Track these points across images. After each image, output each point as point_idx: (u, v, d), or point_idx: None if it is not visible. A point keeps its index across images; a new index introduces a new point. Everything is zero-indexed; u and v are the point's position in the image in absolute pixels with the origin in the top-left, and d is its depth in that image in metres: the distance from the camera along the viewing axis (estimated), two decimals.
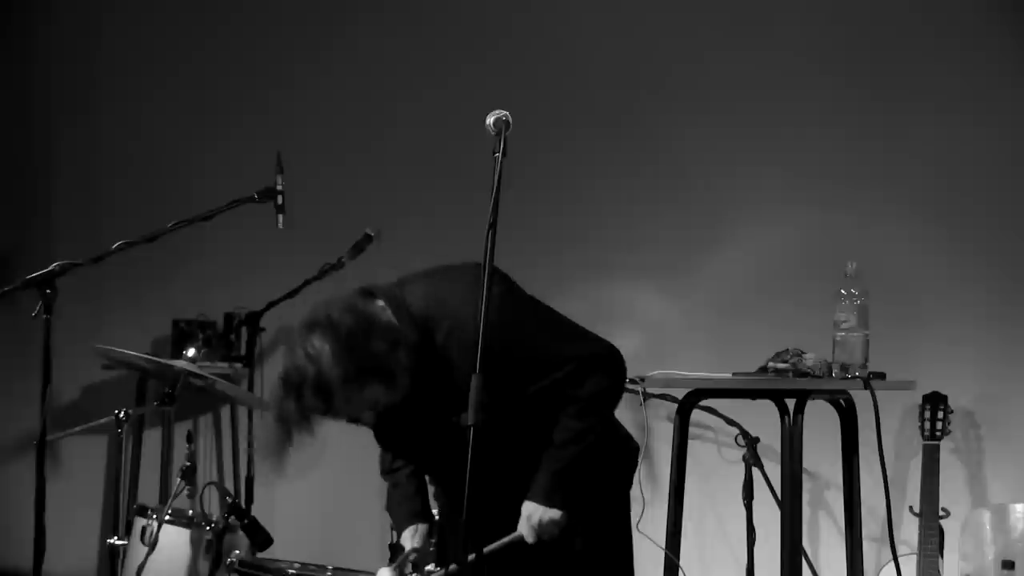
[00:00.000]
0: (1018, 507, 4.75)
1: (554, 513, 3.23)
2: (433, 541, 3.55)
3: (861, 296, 3.43)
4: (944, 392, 4.86)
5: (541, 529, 3.23)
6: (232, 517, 4.00)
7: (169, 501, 4.13)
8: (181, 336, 5.71)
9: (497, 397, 3.10)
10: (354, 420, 3.16)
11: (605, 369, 3.23)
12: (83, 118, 6.08)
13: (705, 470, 5.06)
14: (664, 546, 3.41)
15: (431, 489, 3.53)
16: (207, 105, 5.98)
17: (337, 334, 3.02)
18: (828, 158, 5.34)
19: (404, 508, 3.42)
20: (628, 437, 3.40)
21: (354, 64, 5.87)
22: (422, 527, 3.40)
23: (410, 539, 3.39)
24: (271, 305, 5.40)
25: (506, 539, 3.26)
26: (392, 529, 4.36)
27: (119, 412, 4.09)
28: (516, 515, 3.27)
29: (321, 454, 5.85)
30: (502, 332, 3.10)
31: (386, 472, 3.46)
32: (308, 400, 3.01)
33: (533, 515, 3.24)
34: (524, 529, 3.25)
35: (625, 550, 3.39)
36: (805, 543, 3.98)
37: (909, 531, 4.83)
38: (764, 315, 5.24)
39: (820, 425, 3.59)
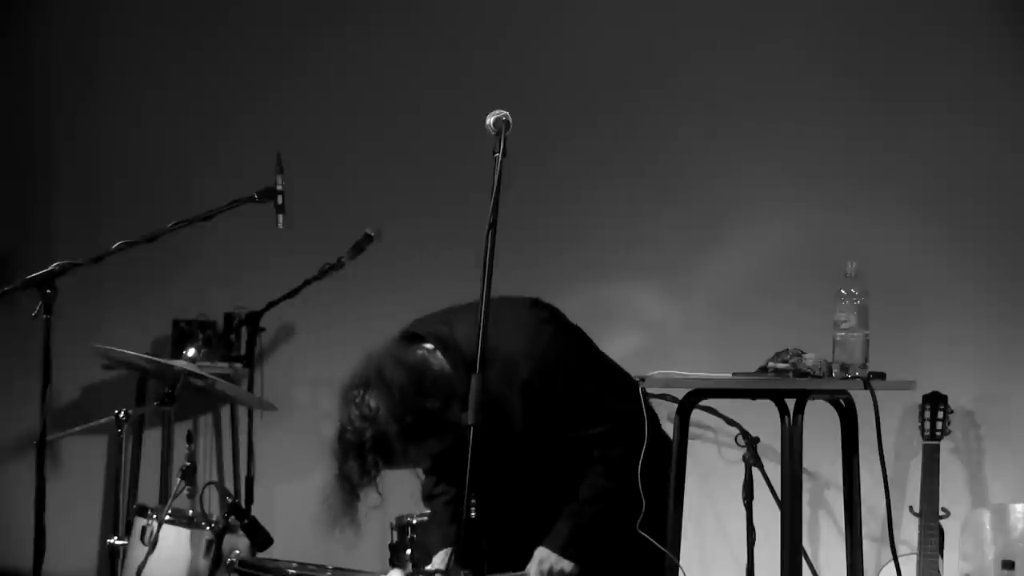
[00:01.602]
0: (1018, 507, 4.75)
1: (566, 564, 3.25)
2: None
3: (861, 296, 3.42)
4: (944, 392, 4.86)
5: None
6: (232, 517, 4.00)
7: (169, 501, 4.12)
8: (181, 336, 5.71)
9: (532, 431, 3.13)
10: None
11: (638, 431, 3.24)
12: (83, 118, 6.08)
13: (705, 470, 5.06)
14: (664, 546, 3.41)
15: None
16: (207, 105, 5.98)
17: (391, 392, 3.07)
18: (828, 158, 5.34)
19: (438, 534, 3.46)
20: (666, 438, 3.41)
21: (354, 64, 5.87)
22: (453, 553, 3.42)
23: (440, 563, 3.40)
24: (271, 305, 5.40)
25: (511, 574, 3.28)
26: (392, 529, 4.39)
27: (119, 412, 4.09)
28: (535, 537, 3.29)
29: (321, 454, 5.85)
30: (549, 369, 3.15)
31: (426, 499, 3.51)
32: (368, 459, 3.07)
33: (545, 561, 3.26)
34: (533, 572, 3.26)
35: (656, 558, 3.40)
36: (805, 543, 3.97)
37: (909, 531, 4.83)
38: (764, 315, 5.24)
39: (820, 425, 3.58)
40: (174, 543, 4.14)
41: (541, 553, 3.28)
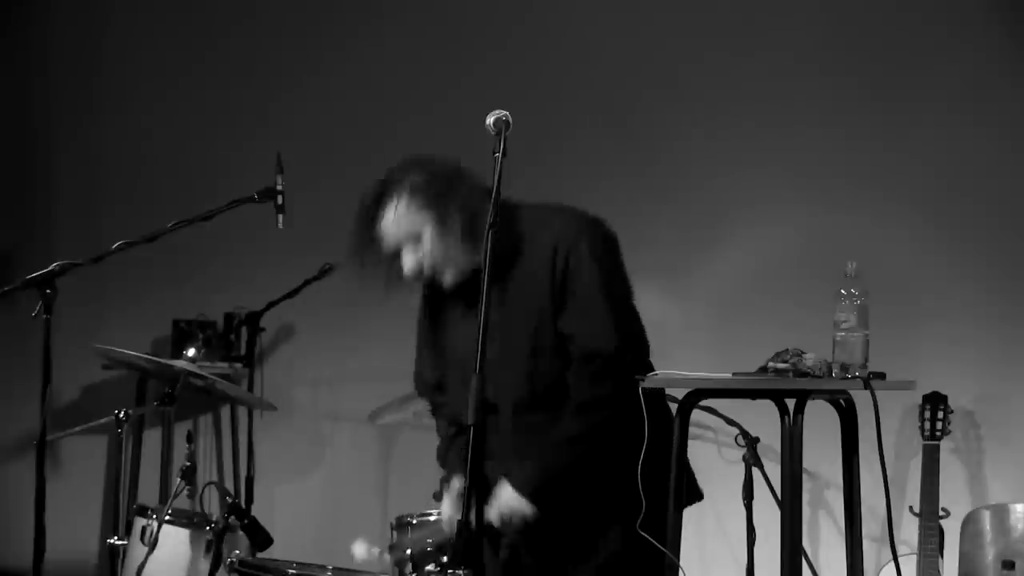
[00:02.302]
0: (1018, 507, 4.75)
1: (525, 507, 3.21)
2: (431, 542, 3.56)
3: (861, 296, 3.42)
4: (944, 392, 4.86)
5: (507, 517, 3.22)
6: (232, 517, 4.01)
7: (169, 501, 4.13)
8: (181, 336, 5.71)
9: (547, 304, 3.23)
10: (398, 273, 3.34)
11: (623, 375, 3.26)
12: (83, 119, 6.08)
13: (705, 470, 5.04)
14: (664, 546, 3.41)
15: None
16: (207, 106, 5.98)
17: (431, 171, 3.26)
18: (828, 158, 5.34)
19: (458, 458, 3.36)
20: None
21: (355, 64, 5.87)
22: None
23: (458, 482, 3.33)
24: (271, 305, 5.40)
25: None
26: (392, 529, 4.39)
27: (119, 412, 4.09)
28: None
29: (321, 454, 5.86)
30: (577, 246, 3.31)
31: (441, 458, 3.47)
32: (373, 204, 3.26)
33: (507, 502, 3.22)
34: (493, 514, 3.22)
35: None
36: (805, 543, 3.96)
37: (909, 531, 4.83)
38: (764, 315, 5.24)
39: (820, 425, 3.58)
40: (174, 543, 4.15)
41: (505, 493, 3.23)
